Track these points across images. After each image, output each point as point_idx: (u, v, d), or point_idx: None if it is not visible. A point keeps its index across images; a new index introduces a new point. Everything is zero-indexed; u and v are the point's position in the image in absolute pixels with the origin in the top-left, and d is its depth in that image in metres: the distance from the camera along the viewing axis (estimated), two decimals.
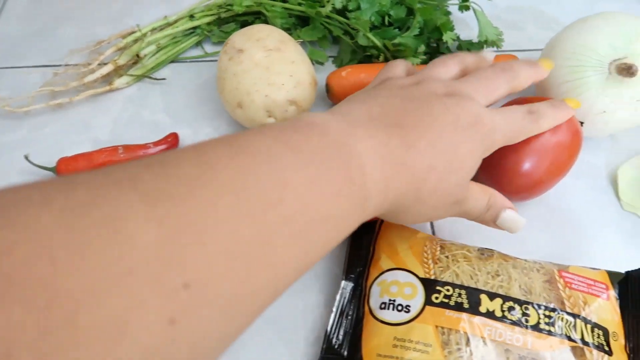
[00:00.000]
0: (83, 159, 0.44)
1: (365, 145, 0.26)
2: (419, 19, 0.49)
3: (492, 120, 0.31)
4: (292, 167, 0.22)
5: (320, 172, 0.23)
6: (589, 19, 0.43)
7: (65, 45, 0.55)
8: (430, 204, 0.30)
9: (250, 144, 0.22)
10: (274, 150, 0.22)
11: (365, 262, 0.38)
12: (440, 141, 0.28)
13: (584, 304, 0.35)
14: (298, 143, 0.23)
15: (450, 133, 0.29)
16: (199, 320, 0.18)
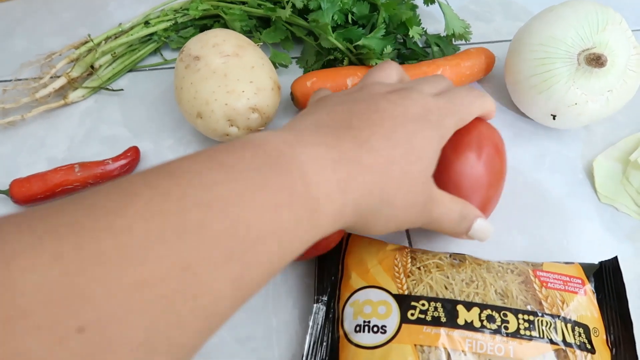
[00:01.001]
0: (37, 180, 0.42)
1: (309, 153, 0.24)
2: (383, 15, 0.47)
3: (438, 106, 0.31)
4: (220, 185, 0.20)
5: (251, 186, 0.21)
6: (556, 8, 0.42)
7: (15, 59, 0.52)
8: (399, 205, 0.28)
9: (179, 167, 0.20)
10: (204, 170, 0.20)
11: (335, 281, 0.36)
12: (394, 134, 0.28)
13: (562, 303, 0.34)
14: (230, 160, 0.22)
15: (401, 125, 0.28)
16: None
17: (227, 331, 0.36)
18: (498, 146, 0.37)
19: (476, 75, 0.48)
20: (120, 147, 0.45)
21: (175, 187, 0.19)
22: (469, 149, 0.36)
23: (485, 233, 0.33)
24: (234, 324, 0.36)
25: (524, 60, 0.42)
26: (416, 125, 0.29)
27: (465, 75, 0.47)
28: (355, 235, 0.38)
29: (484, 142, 0.36)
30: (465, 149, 0.35)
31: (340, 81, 0.45)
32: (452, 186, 0.35)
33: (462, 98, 0.33)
